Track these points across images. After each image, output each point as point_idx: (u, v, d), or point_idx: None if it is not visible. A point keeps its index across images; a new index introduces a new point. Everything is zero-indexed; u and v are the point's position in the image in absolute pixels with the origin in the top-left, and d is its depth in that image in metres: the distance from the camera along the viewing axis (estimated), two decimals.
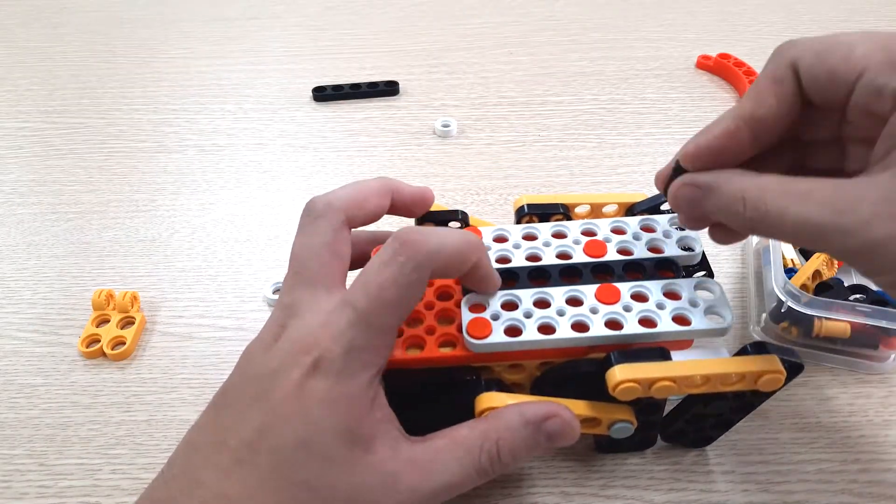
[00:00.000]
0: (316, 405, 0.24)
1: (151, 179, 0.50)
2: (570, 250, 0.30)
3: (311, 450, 0.24)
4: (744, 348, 0.27)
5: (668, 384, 0.26)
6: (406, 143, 0.52)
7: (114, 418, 0.35)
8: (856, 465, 0.32)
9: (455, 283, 0.30)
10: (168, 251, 0.44)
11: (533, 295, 0.28)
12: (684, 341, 0.28)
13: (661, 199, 0.33)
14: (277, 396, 0.24)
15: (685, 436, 0.32)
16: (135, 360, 0.37)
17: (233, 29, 0.68)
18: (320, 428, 0.24)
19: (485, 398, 0.27)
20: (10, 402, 0.36)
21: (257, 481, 0.23)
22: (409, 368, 0.28)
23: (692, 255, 0.30)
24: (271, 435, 0.24)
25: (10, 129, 0.55)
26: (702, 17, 0.67)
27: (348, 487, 0.24)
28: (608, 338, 0.27)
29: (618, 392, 0.26)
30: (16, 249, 0.44)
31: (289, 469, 0.23)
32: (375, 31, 0.67)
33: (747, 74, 0.56)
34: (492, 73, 0.60)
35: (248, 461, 0.24)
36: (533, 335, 0.27)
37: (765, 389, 0.27)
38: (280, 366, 0.25)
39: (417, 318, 0.29)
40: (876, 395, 0.34)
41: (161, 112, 0.57)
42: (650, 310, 0.27)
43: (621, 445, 0.32)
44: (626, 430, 0.28)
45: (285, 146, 0.53)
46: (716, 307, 0.27)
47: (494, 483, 0.31)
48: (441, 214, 0.33)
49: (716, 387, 0.26)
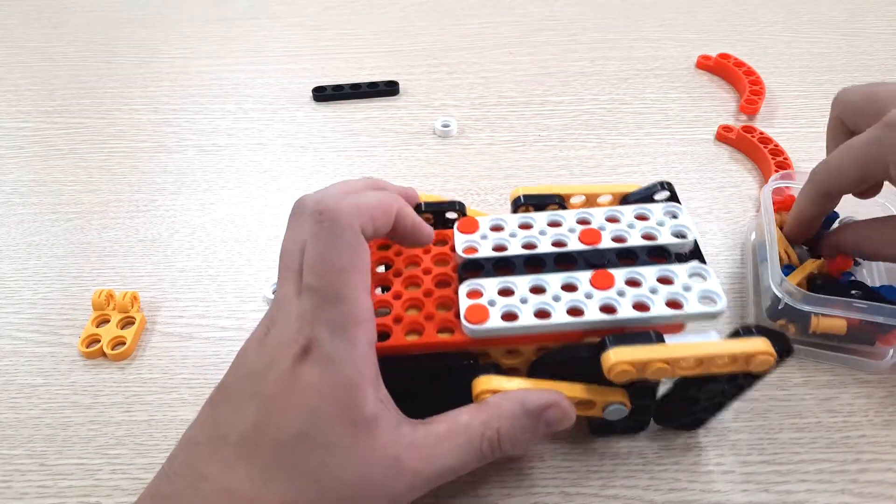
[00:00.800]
0: (311, 393, 0.24)
1: (151, 179, 0.50)
2: (566, 238, 0.31)
3: (312, 440, 0.24)
4: (735, 331, 0.28)
5: (662, 366, 0.26)
6: (406, 143, 0.52)
7: (114, 418, 0.35)
8: (856, 465, 0.32)
9: (452, 270, 0.31)
10: (168, 251, 0.44)
11: (529, 282, 0.29)
12: (677, 325, 0.29)
13: (654, 189, 0.33)
14: (272, 390, 0.24)
15: (677, 419, 0.32)
16: (135, 360, 0.37)
17: (233, 29, 0.68)
18: (319, 416, 0.24)
19: (482, 381, 0.28)
20: (10, 402, 0.36)
21: (261, 475, 0.23)
22: (408, 354, 0.28)
23: (685, 243, 0.30)
24: (271, 428, 0.24)
25: (10, 129, 0.55)
26: (702, 17, 0.67)
27: (353, 474, 0.24)
28: (603, 322, 0.27)
29: (613, 375, 0.26)
30: (16, 249, 0.44)
31: (291, 461, 0.24)
32: (375, 31, 0.67)
33: (747, 74, 0.56)
34: (492, 73, 0.60)
35: (251, 455, 0.24)
36: (529, 320, 0.27)
37: (756, 371, 0.27)
38: (272, 359, 0.25)
39: (416, 305, 0.30)
40: (876, 395, 0.34)
41: (161, 112, 0.57)
42: (644, 294, 0.28)
43: (615, 428, 0.32)
44: (619, 412, 0.29)
45: (285, 146, 0.53)
46: (708, 292, 0.28)
47: (494, 483, 0.31)
48: (439, 205, 0.34)
49: (708, 369, 0.27)
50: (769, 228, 0.36)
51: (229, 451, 0.24)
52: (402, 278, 0.31)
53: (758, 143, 0.49)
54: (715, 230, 0.44)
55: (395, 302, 0.30)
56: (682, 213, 0.32)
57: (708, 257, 0.31)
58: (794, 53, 0.61)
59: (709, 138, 0.52)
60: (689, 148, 0.51)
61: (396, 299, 0.30)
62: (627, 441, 0.33)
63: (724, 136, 0.51)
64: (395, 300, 0.30)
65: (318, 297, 0.25)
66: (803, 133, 0.52)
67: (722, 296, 0.28)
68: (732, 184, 0.48)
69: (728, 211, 0.45)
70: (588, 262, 0.30)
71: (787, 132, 0.51)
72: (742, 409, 0.34)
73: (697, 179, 0.48)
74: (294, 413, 0.24)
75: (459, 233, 0.32)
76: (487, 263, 0.30)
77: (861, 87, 0.35)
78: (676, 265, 0.29)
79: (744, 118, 0.54)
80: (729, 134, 0.51)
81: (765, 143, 0.49)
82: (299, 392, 0.24)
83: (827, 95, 0.55)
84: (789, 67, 0.59)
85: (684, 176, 0.48)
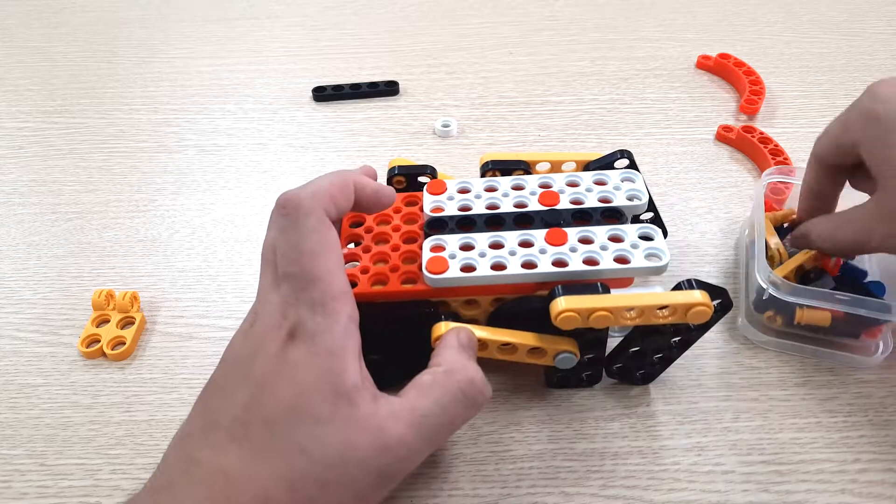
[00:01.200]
0: (299, 370, 0.25)
1: (151, 179, 0.50)
2: (527, 200, 0.33)
3: (299, 413, 0.24)
4: (677, 285, 0.29)
5: (604, 314, 0.28)
6: (406, 143, 0.52)
7: (114, 418, 0.35)
8: (856, 465, 0.32)
9: (419, 228, 0.33)
10: (168, 251, 0.44)
11: (488, 238, 0.31)
12: (625, 279, 0.31)
13: (615, 156, 0.37)
14: (259, 372, 0.25)
15: (629, 372, 0.34)
16: (135, 360, 0.37)
17: (233, 29, 0.68)
18: (305, 390, 0.25)
19: (440, 326, 0.30)
20: (10, 402, 0.36)
21: (252, 453, 0.24)
22: (374, 303, 0.30)
23: (639, 205, 0.33)
24: (260, 407, 0.24)
25: (10, 129, 0.55)
26: (702, 17, 0.67)
27: (340, 444, 0.24)
28: (554, 274, 0.30)
29: (559, 321, 0.28)
30: (16, 249, 0.44)
31: (281, 435, 0.24)
32: (375, 31, 0.67)
33: (747, 74, 0.56)
34: (492, 73, 0.60)
35: (242, 436, 0.24)
36: (485, 272, 0.30)
37: (694, 322, 0.29)
38: (258, 345, 0.26)
39: (383, 259, 0.32)
40: (876, 395, 0.34)
41: (161, 112, 0.57)
42: (594, 251, 0.30)
43: (569, 381, 0.34)
44: (569, 361, 0.31)
45: (285, 146, 0.53)
46: (655, 249, 0.30)
47: (494, 482, 0.31)
48: (410, 168, 0.36)
49: (649, 319, 0.29)
50: (758, 220, 0.37)
51: (221, 435, 0.24)
52: (373, 234, 0.33)
53: (758, 143, 0.49)
54: (715, 230, 0.44)
55: (364, 255, 0.32)
56: (638, 178, 0.34)
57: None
58: (794, 53, 0.61)
59: (709, 138, 0.52)
60: (689, 148, 0.51)
61: (365, 252, 0.32)
62: (628, 441, 0.33)
63: (724, 136, 0.51)
64: (364, 253, 0.32)
65: (295, 281, 0.26)
66: (803, 133, 0.52)
67: (666, 252, 0.30)
68: (732, 184, 0.48)
69: (728, 211, 0.45)
70: (545, 221, 0.32)
71: (787, 132, 0.52)
72: (742, 409, 0.34)
73: (697, 179, 0.48)
74: (282, 390, 0.25)
75: (428, 194, 0.34)
76: (451, 222, 0.32)
77: (827, 134, 0.35)
78: (627, 225, 0.31)
79: (744, 118, 0.54)
80: (729, 134, 0.51)
81: (765, 143, 0.49)
82: (288, 371, 0.25)
83: (827, 95, 0.56)
84: (789, 67, 0.59)
85: (684, 176, 0.48)
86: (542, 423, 0.34)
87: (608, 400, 0.35)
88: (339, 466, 0.24)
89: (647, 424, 0.33)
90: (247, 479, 0.23)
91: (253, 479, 0.23)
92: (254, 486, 0.23)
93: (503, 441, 0.33)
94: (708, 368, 0.36)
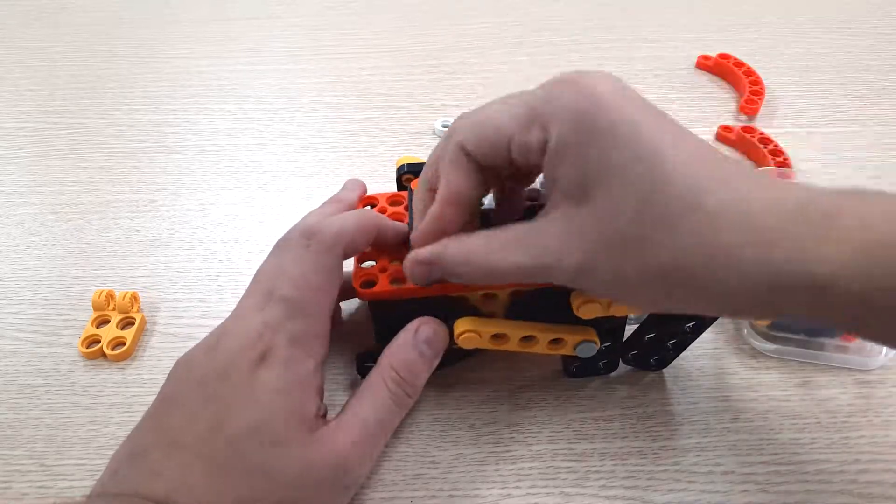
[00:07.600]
0: (268, 393, 0.25)
1: (151, 180, 0.50)
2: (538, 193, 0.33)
3: (263, 434, 0.25)
4: None
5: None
6: (406, 143, 0.52)
7: (114, 419, 0.35)
8: (856, 465, 0.32)
9: None
10: (168, 251, 0.44)
11: None
12: None
13: None
14: (228, 391, 0.25)
15: (644, 359, 0.34)
16: (135, 360, 0.37)
17: (233, 29, 0.68)
18: (272, 413, 0.25)
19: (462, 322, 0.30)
20: (10, 402, 0.36)
21: (217, 471, 0.24)
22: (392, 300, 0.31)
23: None
24: (226, 426, 0.25)
25: (10, 129, 0.55)
26: (702, 17, 0.67)
27: (300, 467, 0.25)
28: None
29: (581, 311, 0.29)
30: (16, 249, 0.44)
31: (243, 454, 0.25)
32: (375, 31, 0.67)
33: (747, 74, 0.56)
34: (492, 73, 0.60)
35: (207, 454, 0.25)
36: None
37: None
38: (227, 364, 0.26)
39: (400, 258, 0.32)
40: (876, 395, 0.34)
41: (161, 112, 0.57)
42: None
43: (587, 370, 0.35)
44: (590, 349, 0.31)
45: (285, 146, 0.53)
46: None
47: (494, 483, 0.31)
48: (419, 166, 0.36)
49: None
50: None
51: (186, 453, 0.25)
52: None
53: (758, 144, 0.49)
54: None
55: (381, 254, 0.32)
56: None
57: None
58: (794, 53, 0.61)
59: (709, 138, 0.52)
60: None
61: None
62: (628, 441, 0.33)
63: (724, 137, 0.51)
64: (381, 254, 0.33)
65: (288, 307, 0.27)
66: (803, 133, 0.52)
67: None
68: None
69: None
70: None
71: (787, 132, 0.51)
72: (742, 410, 0.34)
73: None
74: (248, 410, 0.25)
75: None
76: None
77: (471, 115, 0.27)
78: None
79: (744, 118, 0.54)
80: (729, 134, 0.51)
81: (765, 144, 0.49)
82: (256, 391, 0.25)
83: (827, 95, 0.56)
84: (789, 67, 0.59)
85: None
86: (541, 423, 0.34)
87: (608, 400, 0.35)
88: (298, 487, 0.25)
89: (646, 425, 0.34)
90: (215, 496, 0.24)
91: (220, 495, 0.24)
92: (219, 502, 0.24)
93: (503, 441, 0.33)
94: (708, 369, 0.36)
